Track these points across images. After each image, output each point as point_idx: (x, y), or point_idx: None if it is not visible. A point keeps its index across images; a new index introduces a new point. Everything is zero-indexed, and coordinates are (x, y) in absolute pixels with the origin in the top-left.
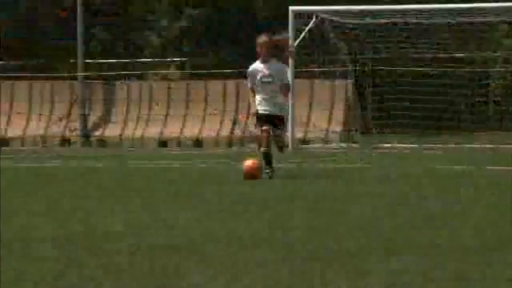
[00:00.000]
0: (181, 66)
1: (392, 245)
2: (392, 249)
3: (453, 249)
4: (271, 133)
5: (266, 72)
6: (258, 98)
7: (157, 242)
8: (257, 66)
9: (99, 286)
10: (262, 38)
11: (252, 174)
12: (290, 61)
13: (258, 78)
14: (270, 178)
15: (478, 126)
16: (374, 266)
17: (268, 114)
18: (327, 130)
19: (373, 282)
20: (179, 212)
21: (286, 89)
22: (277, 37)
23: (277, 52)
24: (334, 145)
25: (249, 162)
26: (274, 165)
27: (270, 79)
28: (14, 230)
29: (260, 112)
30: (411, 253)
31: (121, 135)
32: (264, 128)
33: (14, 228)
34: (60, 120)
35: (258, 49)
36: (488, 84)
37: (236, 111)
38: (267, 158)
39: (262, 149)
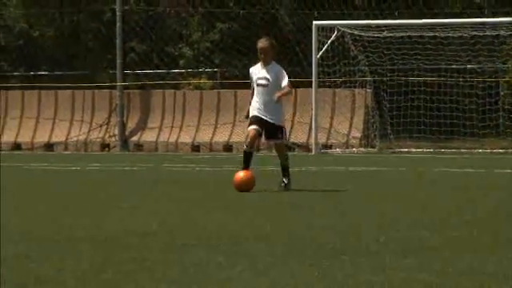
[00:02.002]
0: (212, 76)
1: (409, 243)
2: (408, 247)
3: (466, 246)
4: (261, 134)
5: (263, 75)
6: (253, 103)
7: (188, 240)
8: (256, 68)
9: (135, 281)
10: (262, 43)
11: (243, 188)
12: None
13: (255, 80)
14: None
15: (489, 132)
16: (391, 262)
17: (261, 118)
18: (348, 136)
19: (391, 277)
20: (209, 212)
21: (283, 91)
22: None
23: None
24: (354, 149)
25: (240, 175)
26: (251, 166)
27: (265, 82)
28: (56, 230)
29: (253, 114)
30: (426, 250)
31: (156, 140)
32: (252, 127)
33: (55, 228)
34: (100, 126)
35: (258, 53)
36: (498, 93)
37: None
38: (247, 157)
39: (245, 147)
